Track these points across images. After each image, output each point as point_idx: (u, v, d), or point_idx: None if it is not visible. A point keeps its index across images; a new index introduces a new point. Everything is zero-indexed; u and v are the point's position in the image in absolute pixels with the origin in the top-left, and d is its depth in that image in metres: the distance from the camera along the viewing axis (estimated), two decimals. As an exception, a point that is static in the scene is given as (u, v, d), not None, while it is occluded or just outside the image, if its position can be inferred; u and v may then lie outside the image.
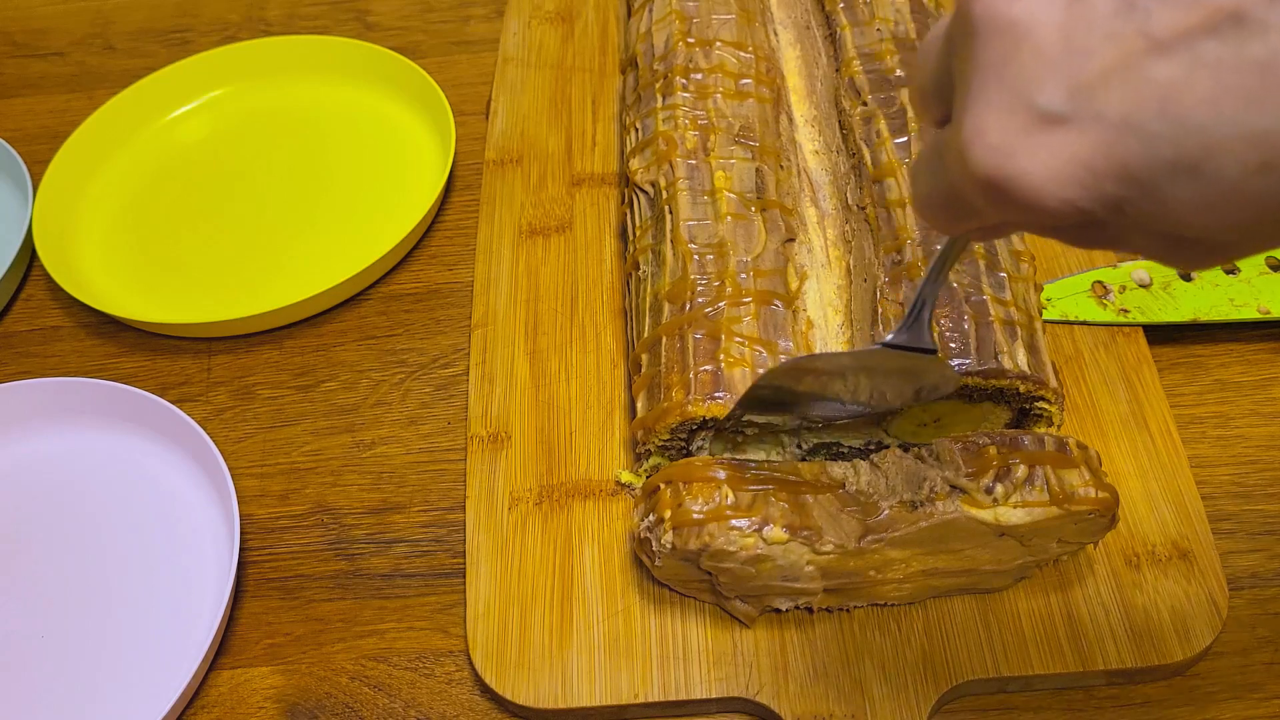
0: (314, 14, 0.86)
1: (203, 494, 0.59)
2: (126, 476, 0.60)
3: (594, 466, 0.56)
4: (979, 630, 0.50)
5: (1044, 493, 0.46)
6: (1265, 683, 0.50)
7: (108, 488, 0.60)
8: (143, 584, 0.56)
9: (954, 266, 0.53)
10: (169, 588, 0.56)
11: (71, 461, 0.61)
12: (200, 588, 0.55)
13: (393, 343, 0.65)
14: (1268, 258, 0.61)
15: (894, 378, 0.45)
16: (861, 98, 0.61)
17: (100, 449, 0.61)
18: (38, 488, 0.60)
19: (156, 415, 0.60)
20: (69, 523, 0.59)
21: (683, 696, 0.50)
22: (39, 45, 0.87)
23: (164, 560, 0.57)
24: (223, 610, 0.52)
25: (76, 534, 0.58)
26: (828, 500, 0.47)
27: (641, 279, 0.58)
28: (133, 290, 0.69)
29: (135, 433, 0.61)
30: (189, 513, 0.58)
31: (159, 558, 0.57)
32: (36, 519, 0.59)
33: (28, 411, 0.61)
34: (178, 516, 0.58)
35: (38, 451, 0.61)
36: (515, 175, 0.69)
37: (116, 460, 0.61)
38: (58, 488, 0.60)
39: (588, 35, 0.77)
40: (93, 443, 0.61)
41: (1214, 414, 0.58)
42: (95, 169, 0.76)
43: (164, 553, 0.57)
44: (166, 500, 0.59)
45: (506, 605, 0.52)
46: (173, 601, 0.55)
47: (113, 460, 0.61)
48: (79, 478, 0.60)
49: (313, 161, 0.75)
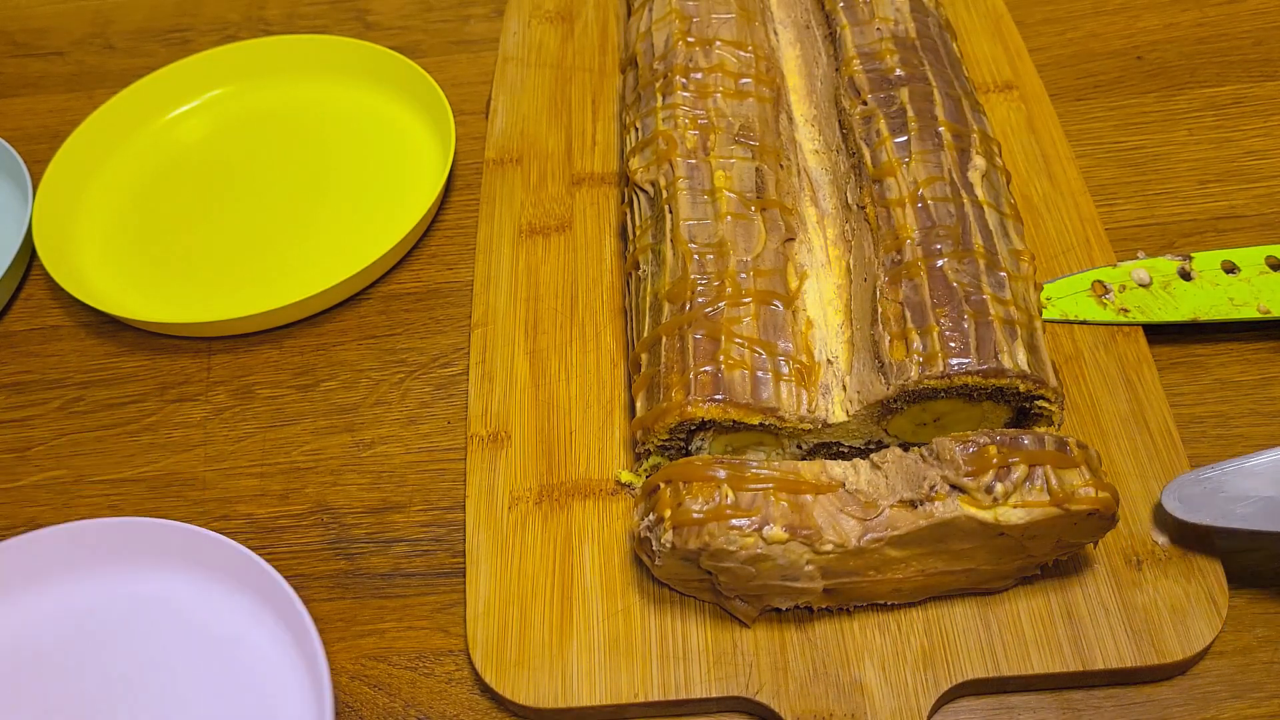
0: (314, 13, 0.86)
1: (286, 655, 0.52)
2: (196, 624, 0.54)
3: (594, 466, 0.56)
4: (979, 630, 0.50)
5: (1044, 492, 0.46)
6: (1265, 683, 0.50)
7: (172, 635, 0.54)
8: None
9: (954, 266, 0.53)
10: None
11: (147, 607, 0.54)
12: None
13: (393, 342, 0.65)
14: (1268, 257, 0.61)
15: None
16: (861, 97, 0.61)
17: (168, 593, 0.55)
18: (103, 632, 0.54)
19: (240, 566, 0.54)
20: (142, 672, 0.53)
21: (683, 696, 0.50)
22: (39, 45, 0.87)
23: None
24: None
25: (146, 685, 0.52)
26: (828, 500, 0.47)
27: (641, 278, 0.58)
28: (133, 290, 0.69)
29: (216, 581, 0.55)
30: (273, 673, 0.52)
31: None
32: (104, 667, 0.53)
33: (86, 556, 0.55)
34: (260, 674, 0.52)
35: (105, 594, 0.55)
36: (515, 175, 0.69)
37: (188, 608, 0.54)
38: (127, 634, 0.54)
39: (588, 35, 0.77)
40: (167, 587, 0.55)
41: (1214, 414, 0.58)
42: (95, 169, 0.76)
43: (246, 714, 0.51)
44: (247, 656, 0.53)
45: (506, 604, 0.52)
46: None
47: (183, 607, 0.54)
48: (151, 624, 0.54)
49: (313, 161, 0.75)
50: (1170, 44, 0.76)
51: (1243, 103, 0.72)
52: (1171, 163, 0.69)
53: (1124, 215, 0.67)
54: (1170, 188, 0.68)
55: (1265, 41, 0.75)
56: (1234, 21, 0.77)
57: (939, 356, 0.50)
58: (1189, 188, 0.68)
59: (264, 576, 0.53)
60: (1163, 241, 0.65)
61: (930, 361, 0.50)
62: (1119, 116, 0.72)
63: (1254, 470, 0.49)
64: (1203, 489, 0.49)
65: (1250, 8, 0.77)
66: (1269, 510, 0.48)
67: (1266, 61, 0.74)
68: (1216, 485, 0.49)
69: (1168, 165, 0.69)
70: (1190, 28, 0.77)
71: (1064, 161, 0.67)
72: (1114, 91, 0.74)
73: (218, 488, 0.60)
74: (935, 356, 0.50)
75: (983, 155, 0.58)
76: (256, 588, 0.53)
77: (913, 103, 0.59)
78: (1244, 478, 0.49)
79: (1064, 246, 0.63)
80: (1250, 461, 0.49)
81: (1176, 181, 0.68)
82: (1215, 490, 0.49)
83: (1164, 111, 0.72)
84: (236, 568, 0.54)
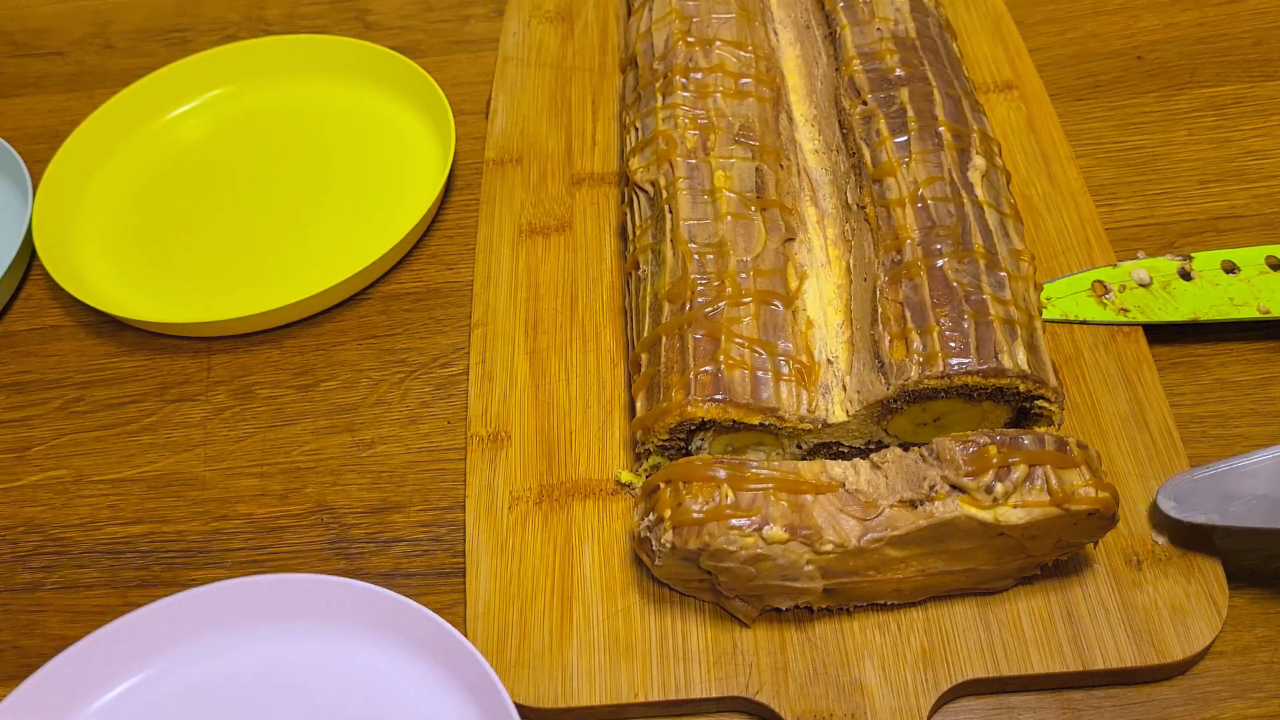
0: (314, 13, 0.86)
1: None
2: (380, 690, 0.51)
3: (594, 466, 0.56)
4: (979, 630, 0.50)
5: (1044, 492, 0.46)
6: (1265, 683, 0.50)
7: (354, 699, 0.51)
8: None
9: (954, 266, 0.53)
10: None
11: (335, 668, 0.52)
12: None
13: (393, 342, 0.65)
14: (1268, 257, 0.61)
15: None
16: (861, 97, 0.61)
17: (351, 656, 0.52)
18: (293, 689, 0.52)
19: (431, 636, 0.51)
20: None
21: (682, 696, 0.50)
22: (39, 45, 0.87)
23: None
24: None
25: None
26: (828, 500, 0.47)
27: (641, 278, 0.58)
28: (133, 290, 0.69)
29: (406, 650, 0.52)
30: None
31: None
32: None
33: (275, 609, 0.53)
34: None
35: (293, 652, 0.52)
36: (515, 175, 0.69)
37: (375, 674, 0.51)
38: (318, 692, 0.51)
39: (588, 35, 0.77)
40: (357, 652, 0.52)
41: (1214, 414, 0.58)
42: (95, 169, 0.76)
43: None
44: None
45: (506, 604, 0.52)
46: None
47: (369, 673, 0.51)
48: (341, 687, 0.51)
49: (313, 161, 0.75)
50: (1170, 44, 0.76)
51: (1243, 103, 0.72)
52: (1171, 163, 0.69)
53: (1124, 215, 0.67)
54: (1170, 188, 0.68)
55: (1265, 41, 0.75)
56: (1234, 21, 0.77)
57: (939, 356, 0.50)
58: (1189, 188, 0.68)
59: (471, 663, 0.49)
60: (1163, 241, 0.65)
61: (930, 361, 0.50)
62: (1119, 116, 0.72)
63: (1248, 470, 0.49)
64: (1197, 489, 0.50)
65: (1250, 8, 0.77)
66: (1263, 508, 0.48)
67: (1266, 61, 0.74)
68: (1211, 485, 0.50)
69: (1168, 165, 0.69)
70: (1190, 28, 0.77)
71: (1064, 161, 0.67)
72: (1114, 91, 0.74)
73: (218, 488, 0.60)
74: (935, 356, 0.50)
75: (983, 155, 0.58)
76: (456, 670, 0.50)
77: (913, 103, 0.59)
78: (1238, 478, 0.49)
79: (1064, 246, 0.63)
80: (1244, 462, 0.50)
81: (1176, 181, 0.68)
82: (1210, 490, 0.49)
83: (1164, 111, 0.72)
84: (435, 643, 0.50)
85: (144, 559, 0.58)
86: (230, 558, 0.57)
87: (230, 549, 0.58)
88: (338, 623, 0.52)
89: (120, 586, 0.57)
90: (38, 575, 0.58)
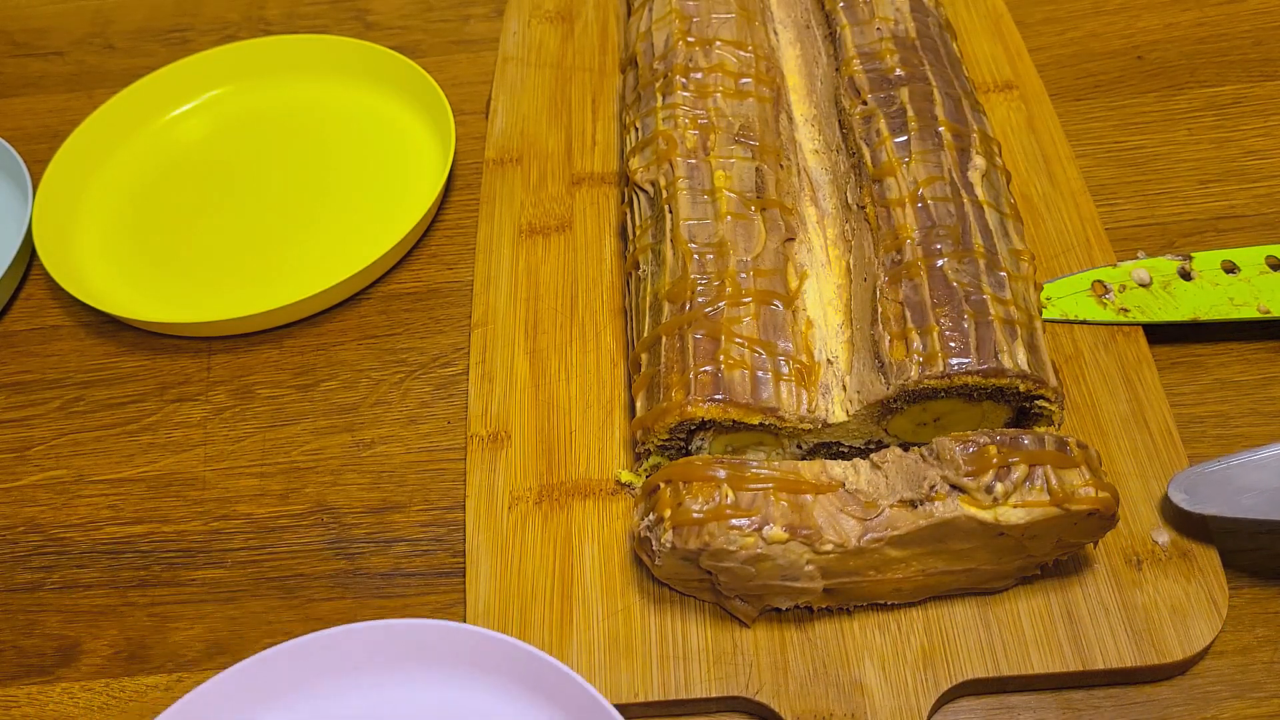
0: (314, 13, 0.86)
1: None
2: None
3: (594, 466, 0.56)
4: (979, 630, 0.50)
5: (1044, 492, 0.46)
6: (1265, 682, 0.50)
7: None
8: None
9: (954, 266, 0.53)
10: None
11: None
12: None
13: (393, 342, 0.65)
14: (1268, 257, 0.61)
15: None
16: (861, 97, 0.61)
17: None
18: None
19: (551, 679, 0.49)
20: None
21: (682, 696, 0.50)
22: (39, 45, 0.87)
23: None
24: None
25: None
26: (828, 500, 0.47)
27: (641, 278, 0.58)
28: (133, 290, 0.69)
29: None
30: None
31: None
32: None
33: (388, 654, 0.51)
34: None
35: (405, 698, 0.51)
36: (515, 174, 0.69)
37: None
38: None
39: (588, 34, 0.77)
40: None
41: (1214, 414, 0.58)
42: (95, 169, 0.76)
43: None
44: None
45: (506, 604, 0.52)
46: None
47: None
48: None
49: (313, 161, 0.75)
50: (1170, 44, 0.76)
51: (1243, 103, 0.72)
52: (1171, 163, 0.69)
53: (1124, 215, 0.67)
54: (1170, 188, 0.68)
55: (1265, 41, 0.75)
56: (1234, 21, 0.77)
57: (939, 356, 0.50)
58: (1189, 188, 0.68)
59: None
60: (1163, 241, 0.65)
61: (930, 361, 0.50)
62: (1119, 116, 0.72)
63: (1260, 463, 0.49)
64: (1208, 481, 0.50)
65: (1250, 8, 0.77)
66: (1274, 501, 0.48)
67: (1266, 61, 0.74)
68: (1223, 478, 0.50)
69: (1168, 165, 0.69)
70: (1190, 28, 0.77)
71: (1064, 161, 0.67)
72: (1114, 91, 0.74)
73: (218, 488, 0.60)
74: (935, 356, 0.50)
75: (983, 155, 0.58)
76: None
77: (913, 102, 0.59)
78: (1250, 471, 0.49)
79: (1064, 246, 0.63)
80: (1256, 455, 0.50)
81: (1176, 181, 0.68)
82: (1221, 482, 0.49)
83: (1164, 111, 0.72)
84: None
85: (144, 559, 0.58)
86: (230, 558, 0.57)
87: (230, 549, 0.58)
88: (454, 667, 0.50)
89: (120, 586, 0.57)
90: (38, 575, 0.58)
